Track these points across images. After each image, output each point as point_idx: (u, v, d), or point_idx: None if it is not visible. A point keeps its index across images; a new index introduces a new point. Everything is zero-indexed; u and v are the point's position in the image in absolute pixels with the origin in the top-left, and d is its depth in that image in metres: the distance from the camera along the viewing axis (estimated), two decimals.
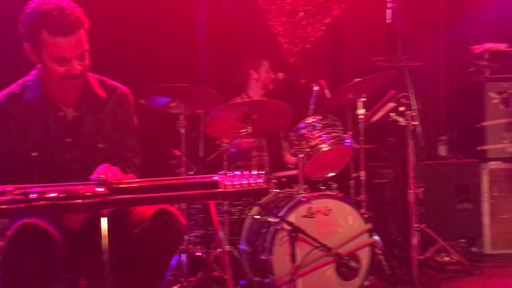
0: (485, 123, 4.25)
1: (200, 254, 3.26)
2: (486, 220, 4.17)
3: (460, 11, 4.96)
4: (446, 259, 3.76)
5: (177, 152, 3.22)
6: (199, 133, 3.54)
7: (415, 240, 3.40)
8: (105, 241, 1.66)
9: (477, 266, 3.77)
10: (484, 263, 3.91)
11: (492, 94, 4.26)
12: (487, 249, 4.15)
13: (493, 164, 4.20)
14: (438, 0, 4.95)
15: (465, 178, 4.22)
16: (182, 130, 3.12)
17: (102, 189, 1.66)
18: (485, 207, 4.17)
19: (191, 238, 3.32)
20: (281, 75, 3.95)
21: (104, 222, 1.66)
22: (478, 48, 4.47)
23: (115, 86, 2.23)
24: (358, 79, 3.48)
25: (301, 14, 4.70)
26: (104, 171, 1.76)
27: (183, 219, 1.99)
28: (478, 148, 4.26)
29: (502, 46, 4.41)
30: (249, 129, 3.13)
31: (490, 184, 4.17)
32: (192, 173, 3.29)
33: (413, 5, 4.69)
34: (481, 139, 4.25)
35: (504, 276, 3.58)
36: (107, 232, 1.66)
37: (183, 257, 3.04)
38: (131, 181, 1.82)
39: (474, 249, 4.16)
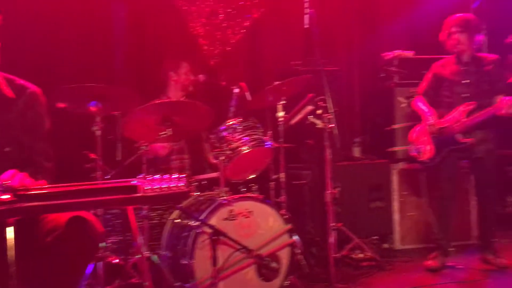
0: (394, 126, 4.51)
1: (117, 261, 3.14)
2: (396, 217, 4.42)
3: (372, 20, 5.24)
4: (361, 255, 3.94)
5: (93, 156, 3.08)
6: (116, 136, 3.41)
7: (332, 239, 3.53)
8: (11, 252, 1.54)
9: (389, 261, 3.99)
10: (395, 258, 4.14)
11: (400, 99, 4.53)
12: (397, 244, 4.40)
13: (401, 165, 4.46)
14: (352, 9, 5.19)
15: (378, 178, 4.45)
16: (98, 132, 2.99)
17: (8, 196, 1.54)
18: (395, 205, 4.42)
19: (108, 245, 3.19)
20: (201, 77, 3.92)
21: (10, 232, 1.54)
22: (388, 55, 4.74)
23: (25, 86, 2.08)
24: (277, 82, 3.55)
25: (221, 16, 4.71)
26: (10, 177, 1.64)
27: (99, 226, 1.90)
28: (389, 149, 4.51)
29: (410, 54, 4.71)
30: (169, 132, 3.07)
31: (399, 183, 4.43)
32: (108, 177, 3.16)
33: (330, 12, 4.87)
34: (391, 141, 4.51)
35: (412, 269, 3.81)
36: (13, 243, 1.54)
37: (99, 265, 2.91)
38: (41, 187, 1.70)
39: (385, 245, 4.39)
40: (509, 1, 5.33)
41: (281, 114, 3.62)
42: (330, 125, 3.59)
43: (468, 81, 3.62)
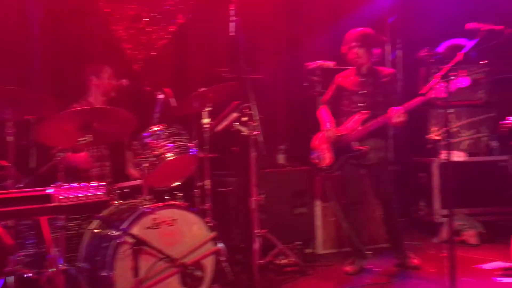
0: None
1: (30, 275, 2.94)
2: (318, 222, 4.54)
3: (297, 31, 5.38)
4: (284, 261, 3.99)
5: (4, 163, 2.87)
6: (30, 142, 3.21)
7: (256, 246, 3.55)
8: None
9: (311, 265, 4.08)
10: (317, 262, 4.24)
11: None
12: (320, 249, 4.52)
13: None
14: (278, 19, 5.29)
15: (301, 185, 4.55)
16: (10, 138, 2.80)
17: None
18: (318, 211, 4.54)
19: (20, 258, 2.98)
20: (124, 81, 3.80)
21: None
22: (311, 65, 4.87)
23: None
24: (203, 89, 3.52)
25: (146, 20, 4.60)
26: None
27: (8, 238, 1.77)
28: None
29: (331, 64, 4.87)
30: (89, 138, 2.94)
31: (321, 189, 4.55)
32: (21, 186, 2.96)
33: (256, 21, 4.93)
34: None
35: (333, 273, 3.93)
36: None
37: (10, 279, 2.71)
38: None
39: (308, 250, 4.49)
40: (423, 16, 5.67)
41: (206, 121, 3.60)
42: (255, 132, 3.62)
43: (365, 91, 3.82)
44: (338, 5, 5.54)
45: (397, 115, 3.59)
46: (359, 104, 3.83)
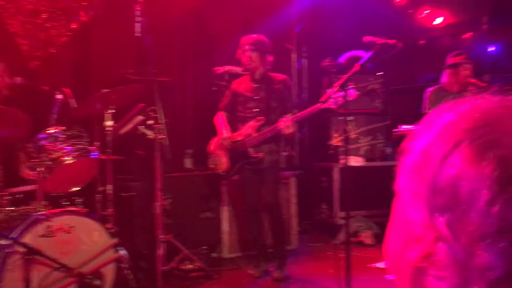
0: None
1: None
2: (224, 226, 4.56)
3: (207, 35, 5.37)
4: (190, 266, 3.95)
5: None
6: None
7: (160, 251, 3.48)
8: None
9: (217, 270, 4.09)
10: (223, 266, 4.26)
11: None
12: (226, 253, 4.53)
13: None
14: (188, 22, 5.25)
15: (208, 189, 4.54)
16: None
17: None
18: (224, 215, 4.56)
19: None
20: (18, 79, 3.54)
21: None
22: (219, 70, 4.90)
23: None
24: (106, 90, 3.39)
25: (44, 15, 4.34)
26: None
27: None
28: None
29: (238, 69, 4.92)
30: None
31: (227, 193, 4.58)
32: None
33: (164, 23, 4.86)
34: None
35: (238, 277, 3.96)
36: None
37: None
38: None
39: (214, 254, 4.49)
40: (329, 27, 5.93)
41: (109, 123, 3.47)
42: (160, 136, 3.56)
43: (258, 97, 3.89)
44: (248, 12, 5.63)
45: (285, 126, 3.66)
46: (253, 110, 3.88)
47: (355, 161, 5.20)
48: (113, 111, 3.48)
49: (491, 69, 5.31)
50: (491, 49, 5.61)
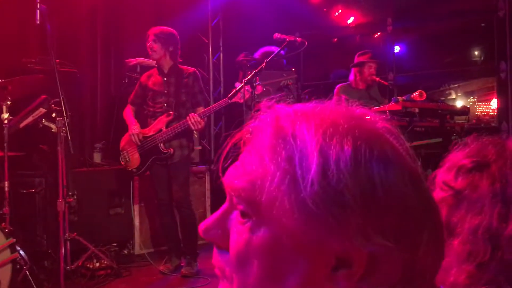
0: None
1: None
2: (136, 222, 4.46)
3: (117, 25, 5.20)
4: (97, 264, 3.82)
5: None
6: None
7: (63, 250, 3.34)
8: None
9: (127, 267, 3.99)
10: (134, 263, 4.16)
11: None
12: (137, 250, 4.44)
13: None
14: (96, 11, 5.04)
15: (118, 184, 4.41)
16: None
17: None
18: (135, 210, 4.46)
19: None
20: None
21: None
22: (131, 61, 4.77)
23: None
24: (1, 80, 3.18)
25: None
26: None
27: None
28: None
29: (151, 61, 4.82)
30: None
31: (139, 189, 4.48)
32: None
33: (70, 12, 4.63)
34: None
35: (149, 273, 3.90)
36: None
37: None
38: None
39: (125, 251, 4.38)
40: (244, 21, 5.96)
41: (5, 116, 3.25)
42: (65, 130, 3.40)
43: (167, 91, 3.81)
44: (163, 3, 5.52)
45: (193, 121, 3.61)
46: (163, 105, 3.82)
47: None
48: (10, 102, 3.26)
49: (395, 68, 5.62)
50: (396, 49, 5.93)
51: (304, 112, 0.54)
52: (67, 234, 3.43)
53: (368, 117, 0.55)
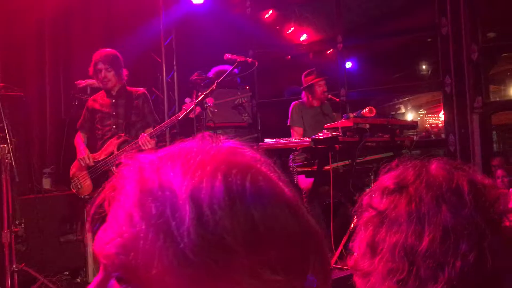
0: None
1: None
2: (89, 249, 4.31)
3: (65, 45, 5.08)
4: None
5: None
6: None
7: (10, 283, 3.18)
8: None
9: None
10: None
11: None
12: (91, 277, 4.29)
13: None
14: (43, 33, 4.92)
15: (70, 210, 4.27)
16: None
17: None
18: (89, 237, 4.32)
19: None
20: None
21: None
22: (81, 83, 4.66)
23: None
24: None
25: None
26: None
27: None
28: None
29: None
30: None
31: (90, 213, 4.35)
32: None
33: (15, 33, 4.50)
34: None
35: None
36: None
37: None
38: None
39: (78, 280, 4.23)
40: (198, 40, 5.96)
41: None
42: (9, 156, 3.27)
43: (115, 113, 3.73)
44: (112, 25, 5.45)
45: (143, 142, 3.50)
46: (112, 127, 3.74)
47: None
48: None
49: (346, 84, 5.74)
50: (347, 65, 6.07)
51: (170, 156, 0.52)
52: (14, 266, 3.27)
53: (236, 150, 0.53)
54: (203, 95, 3.30)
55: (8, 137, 3.31)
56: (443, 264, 0.73)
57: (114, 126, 3.71)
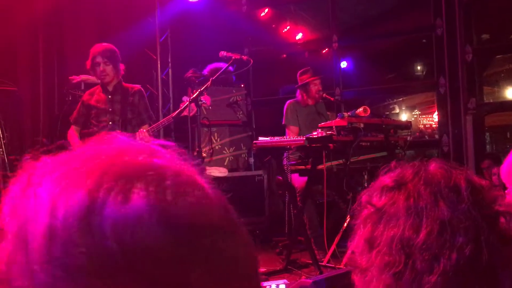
0: None
1: None
2: None
3: (59, 41, 5.06)
4: None
5: None
6: None
7: None
8: None
9: None
10: None
11: None
12: None
13: None
14: (36, 28, 4.89)
15: None
16: None
17: None
18: None
19: None
20: None
21: None
22: (75, 78, 4.64)
23: None
24: None
25: None
26: None
27: None
28: None
29: (95, 78, 4.71)
30: None
31: None
32: None
33: (9, 28, 4.47)
34: None
35: None
36: None
37: None
38: None
39: None
40: (193, 37, 5.95)
41: None
42: (1, 150, 3.25)
43: (112, 109, 3.72)
44: (106, 21, 5.42)
45: (141, 138, 3.50)
46: (109, 123, 3.73)
47: (219, 172, 5.26)
48: None
49: (341, 83, 5.75)
50: (342, 65, 6.08)
51: (66, 160, 0.46)
52: None
53: (130, 155, 0.47)
54: (197, 92, 3.30)
55: (0, 132, 3.29)
56: (439, 256, 0.74)
57: (110, 123, 3.69)
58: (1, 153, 3.26)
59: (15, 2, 4.50)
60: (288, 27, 6.54)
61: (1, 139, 3.24)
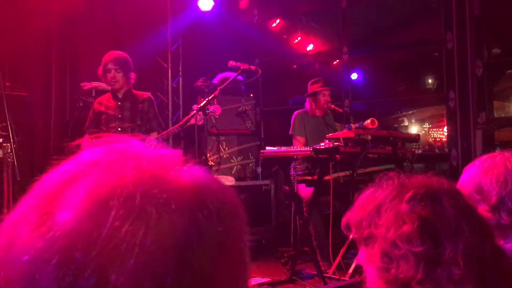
0: None
1: None
2: None
3: (72, 48, 5.13)
4: None
5: None
6: None
7: None
8: None
9: None
10: None
11: None
12: None
13: None
14: (50, 34, 4.97)
15: None
16: None
17: None
18: None
19: None
20: None
21: None
22: (86, 85, 4.70)
23: None
24: None
25: None
26: None
27: None
28: None
29: (106, 85, 4.77)
30: None
31: None
32: None
33: (23, 35, 4.55)
34: None
35: None
36: None
37: None
38: None
39: None
40: (205, 47, 5.99)
41: None
42: (11, 155, 3.30)
43: (121, 116, 3.76)
44: (119, 30, 5.49)
45: (150, 144, 3.52)
46: (118, 129, 3.76)
47: (227, 181, 5.27)
48: None
49: (351, 95, 5.75)
50: (353, 76, 6.09)
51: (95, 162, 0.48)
52: None
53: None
54: (204, 101, 3.32)
55: (11, 136, 3.34)
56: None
57: (120, 129, 3.73)
58: (11, 157, 3.30)
59: (30, 10, 4.58)
60: (299, 38, 6.56)
61: (12, 143, 3.29)
